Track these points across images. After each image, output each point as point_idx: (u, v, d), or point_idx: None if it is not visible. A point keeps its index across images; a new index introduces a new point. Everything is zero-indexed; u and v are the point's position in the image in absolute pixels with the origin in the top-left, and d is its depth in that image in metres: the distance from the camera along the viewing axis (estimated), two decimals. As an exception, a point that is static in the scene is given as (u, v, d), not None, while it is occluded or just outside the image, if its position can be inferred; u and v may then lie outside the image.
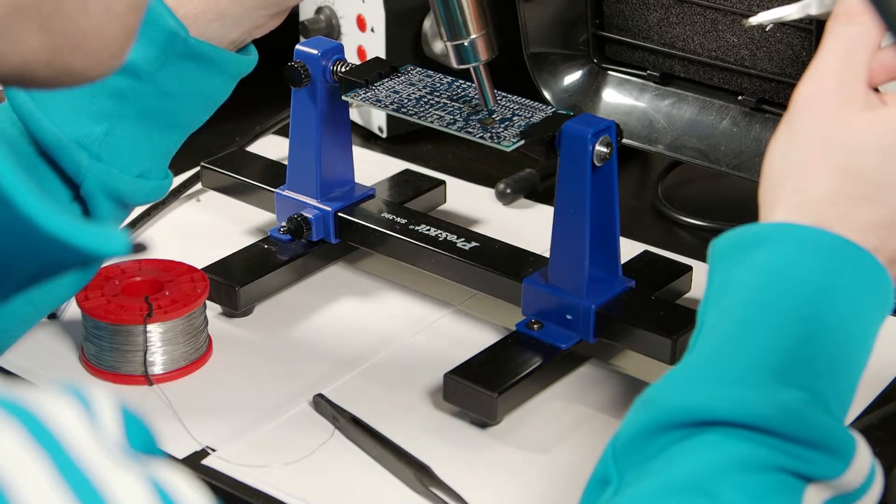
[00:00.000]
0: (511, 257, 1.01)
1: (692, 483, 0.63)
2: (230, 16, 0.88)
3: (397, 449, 0.89)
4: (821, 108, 0.70)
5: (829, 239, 0.67)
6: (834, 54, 0.70)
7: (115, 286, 0.97)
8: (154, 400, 0.94)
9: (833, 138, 0.69)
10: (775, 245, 0.68)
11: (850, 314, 0.66)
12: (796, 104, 0.71)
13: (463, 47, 0.95)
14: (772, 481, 0.63)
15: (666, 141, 1.15)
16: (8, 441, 0.41)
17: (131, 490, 0.42)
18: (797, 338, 0.65)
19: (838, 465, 0.64)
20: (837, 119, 0.69)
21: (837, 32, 0.71)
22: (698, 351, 0.67)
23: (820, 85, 0.70)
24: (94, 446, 0.43)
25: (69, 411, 0.43)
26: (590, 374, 0.98)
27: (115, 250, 0.51)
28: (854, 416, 0.93)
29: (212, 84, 0.88)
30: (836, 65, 0.70)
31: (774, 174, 0.70)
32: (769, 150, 0.71)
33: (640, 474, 0.64)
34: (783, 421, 0.63)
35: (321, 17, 1.30)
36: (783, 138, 0.71)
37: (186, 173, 1.20)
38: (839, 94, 0.69)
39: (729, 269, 0.69)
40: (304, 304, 1.06)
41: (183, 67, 0.85)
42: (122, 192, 0.86)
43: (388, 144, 1.30)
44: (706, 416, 0.64)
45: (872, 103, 0.69)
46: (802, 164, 0.69)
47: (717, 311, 0.68)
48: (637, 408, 0.67)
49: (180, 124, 0.88)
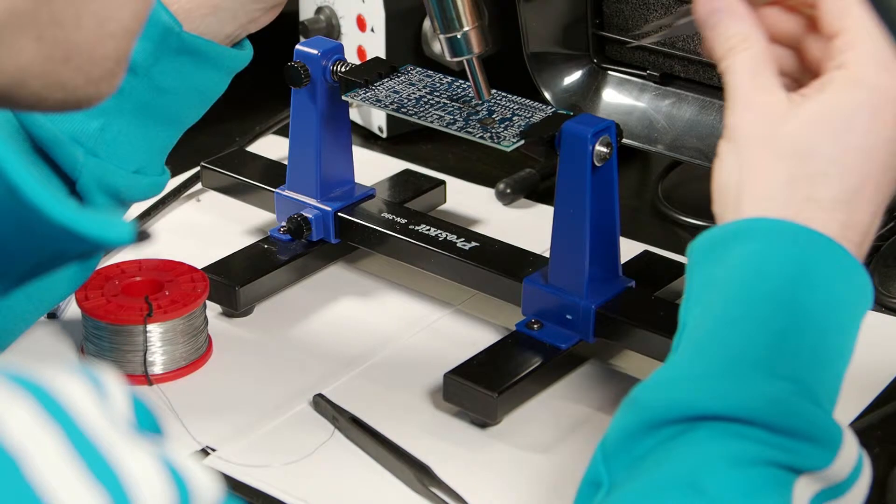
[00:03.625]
0: (511, 257, 1.01)
1: (682, 481, 0.63)
2: (224, 10, 0.88)
3: (397, 449, 0.89)
4: (756, 119, 0.71)
5: (799, 230, 0.68)
6: (745, 78, 0.72)
7: (115, 286, 0.97)
8: (154, 400, 0.94)
9: (778, 132, 0.70)
10: (748, 240, 0.68)
11: (827, 303, 0.67)
12: (731, 128, 0.72)
13: (456, 40, 0.95)
14: (762, 475, 0.63)
15: (666, 141, 1.15)
16: (21, 414, 0.41)
17: (143, 464, 0.43)
18: (778, 330, 0.66)
19: (826, 455, 0.64)
20: (775, 118, 0.70)
21: (734, 60, 0.72)
22: (682, 350, 0.68)
23: (746, 104, 0.71)
24: (106, 422, 0.43)
25: (80, 388, 0.44)
26: (590, 374, 0.98)
27: (119, 238, 0.51)
28: (854, 416, 0.93)
29: (207, 79, 0.88)
30: (751, 83, 0.71)
31: (728, 188, 0.71)
32: (716, 172, 0.72)
33: (631, 475, 0.64)
34: (770, 412, 0.63)
35: (321, 17, 1.30)
36: (727, 156, 0.72)
37: (186, 173, 1.20)
38: (766, 103, 0.71)
39: (706, 268, 0.70)
40: (304, 304, 1.06)
41: (177, 62, 0.85)
42: (119, 187, 0.86)
43: (388, 144, 1.30)
44: (693, 412, 0.64)
45: (797, 99, 0.71)
46: (755, 165, 0.70)
47: (698, 311, 0.69)
48: (624, 409, 0.67)
49: (176, 120, 0.88)
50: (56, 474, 0.41)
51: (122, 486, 0.42)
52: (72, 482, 0.41)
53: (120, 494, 0.42)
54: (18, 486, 0.40)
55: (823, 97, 0.70)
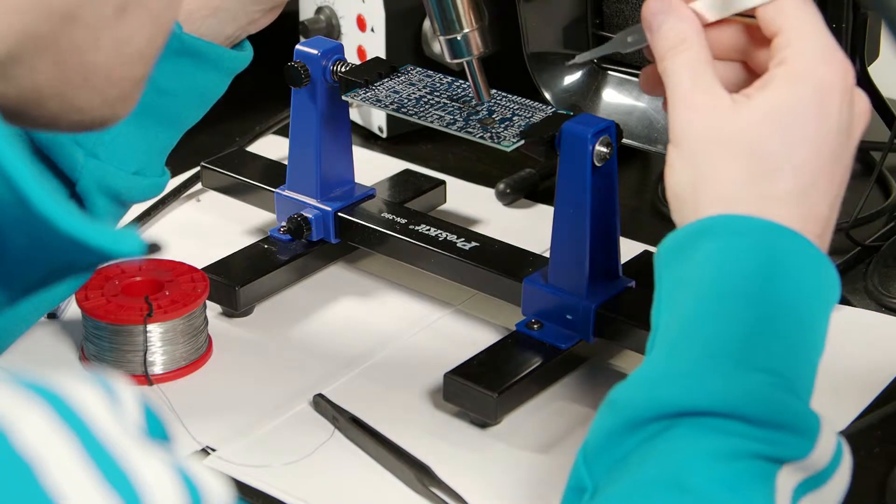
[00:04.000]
0: (511, 257, 1.01)
1: (666, 479, 0.63)
2: (224, 12, 0.88)
3: (397, 449, 0.89)
4: (701, 120, 0.71)
5: (761, 224, 0.68)
6: (685, 77, 0.72)
7: (115, 286, 0.97)
8: (154, 400, 0.94)
9: (724, 132, 0.70)
10: (714, 238, 0.69)
11: (797, 294, 0.67)
12: (676, 130, 0.72)
13: (456, 41, 0.94)
14: (744, 468, 0.63)
15: (666, 141, 1.14)
16: (36, 421, 0.42)
17: (156, 471, 0.43)
18: (751, 322, 0.66)
19: (805, 444, 0.64)
20: (719, 118, 0.71)
21: (674, 61, 0.73)
22: (657, 351, 0.68)
23: (689, 104, 0.72)
24: (119, 428, 0.43)
25: (93, 394, 0.44)
26: (590, 374, 0.98)
27: (131, 251, 0.51)
28: (854, 417, 0.93)
29: (207, 80, 0.88)
30: (692, 84, 0.72)
31: (683, 191, 0.72)
32: (668, 178, 0.72)
33: (614, 477, 0.64)
34: (748, 404, 0.64)
35: (321, 17, 1.30)
36: (678, 159, 0.72)
37: (186, 173, 1.20)
38: (710, 102, 0.71)
39: (674, 270, 0.70)
40: (304, 304, 1.06)
41: (177, 64, 0.85)
42: (119, 189, 0.86)
43: (388, 144, 1.30)
44: (672, 409, 0.64)
45: (741, 99, 0.71)
46: (709, 167, 0.70)
47: (669, 311, 0.69)
48: (602, 411, 0.67)
49: (176, 121, 0.88)
50: (70, 480, 0.41)
51: (135, 493, 0.42)
52: (86, 488, 0.41)
53: (134, 500, 0.42)
54: (34, 493, 0.40)
55: (766, 94, 0.70)
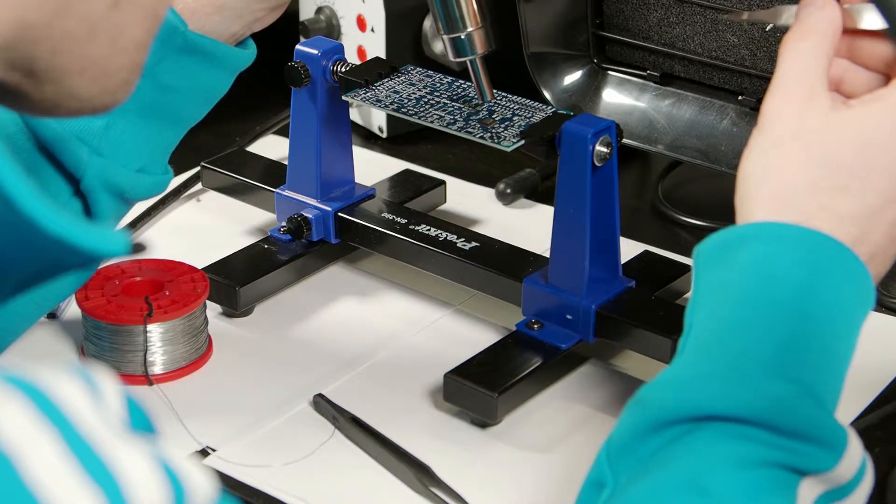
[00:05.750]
0: (511, 257, 1.01)
1: (687, 481, 0.63)
2: (229, 9, 0.88)
3: (397, 449, 0.89)
4: (792, 113, 0.70)
5: (810, 235, 0.68)
6: (796, 66, 0.71)
7: (115, 286, 0.97)
8: (154, 400, 0.94)
9: (809, 134, 0.70)
10: (758, 244, 0.68)
11: (834, 308, 0.67)
12: (766, 115, 0.71)
13: (459, 40, 0.95)
14: (767, 476, 0.63)
15: (666, 141, 1.15)
16: (16, 414, 0.42)
17: (138, 464, 0.43)
18: (786, 333, 0.66)
19: (831, 457, 0.64)
20: (810, 118, 0.70)
21: (794, 47, 0.72)
22: (689, 352, 0.68)
23: (787, 93, 0.71)
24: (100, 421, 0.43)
25: (74, 388, 0.44)
26: (590, 374, 0.98)
27: (115, 250, 0.51)
28: (854, 417, 0.93)
29: (211, 78, 0.88)
30: (798, 75, 0.71)
31: (752, 180, 0.71)
32: (744, 161, 0.72)
33: (635, 475, 0.64)
34: (776, 413, 0.63)
35: (321, 17, 1.30)
36: (757, 146, 0.71)
37: (186, 173, 1.20)
38: (807, 98, 0.70)
39: (714, 271, 0.69)
40: (304, 304, 1.06)
41: (182, 61, 0.85)
42: (123, 186, 0.86)
43: (388, 144, 1.30)
44: (699, 412, 0.64)
45: (840, 105, 0.70)
46: (780, 163, 0.70)
47: (705, 313, 0.68)
48: (630, 409, 0.67)
49: (180, 118, 0.88)
50: (52, 474, 0.41)
51: (117, 486, 0.42)
52: (67, 482, 0.41)
53: (115, 494, 0.42)
54: (14, 487, 0.40)
55: (866, 109, 0.69)
